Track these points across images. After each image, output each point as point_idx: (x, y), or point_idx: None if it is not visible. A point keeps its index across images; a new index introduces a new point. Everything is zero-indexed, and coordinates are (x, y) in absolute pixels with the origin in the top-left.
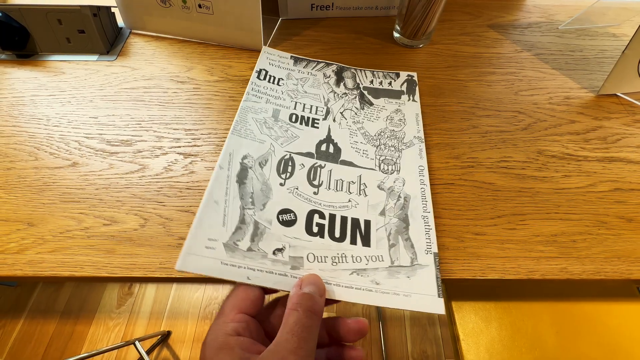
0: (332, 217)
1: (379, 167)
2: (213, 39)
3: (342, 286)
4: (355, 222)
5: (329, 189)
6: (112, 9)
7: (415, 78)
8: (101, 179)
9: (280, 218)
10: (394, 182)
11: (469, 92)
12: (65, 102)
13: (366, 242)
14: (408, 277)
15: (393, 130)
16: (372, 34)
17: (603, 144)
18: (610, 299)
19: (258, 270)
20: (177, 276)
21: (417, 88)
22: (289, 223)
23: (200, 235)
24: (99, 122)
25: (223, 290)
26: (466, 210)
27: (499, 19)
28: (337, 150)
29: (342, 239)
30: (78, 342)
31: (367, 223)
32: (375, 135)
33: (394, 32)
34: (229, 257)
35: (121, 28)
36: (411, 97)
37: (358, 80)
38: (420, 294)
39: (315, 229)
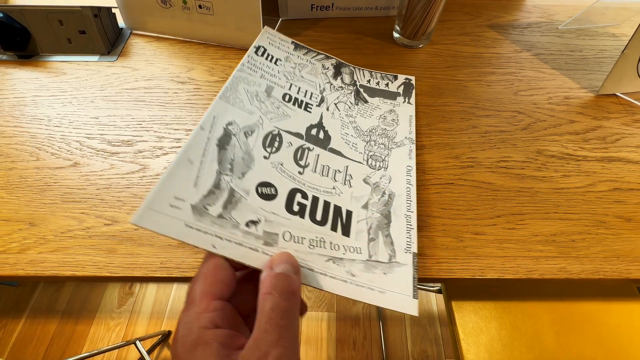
0: (315, 200)
1: (367, 161)
2: (213, 39)
3: (316, 272)
4: (338, 209)
5: (315, 172)
6: (113, 10)
7: (413, 82)
8: (102, 179)
9: (260, 190)
10: (380, 178)
11: (468, 92)
12: (66, 103)
13: (346, 231)
14: (384, 273)
15: (385, 129)
16: (372, 34)
17: (602, 144)
18: (610, 299)
19: (226, 239)
20: (178, 276)
21: (413, 91)
22: (269, 197)
23: (165, 192)
24: (100, 122)
25: None
26: (465, 210)
27: (499, 19)
28: (327, 137)
29: (323, 223)
30: (79, 341)
31: (349, 213)
32: (366, 131)
33: (393, 32)
34: (196, 220)
35: (122, 29)
36: (407, 100)
37: (355, 78)
38: (395, 292)
39: (295, 208)
